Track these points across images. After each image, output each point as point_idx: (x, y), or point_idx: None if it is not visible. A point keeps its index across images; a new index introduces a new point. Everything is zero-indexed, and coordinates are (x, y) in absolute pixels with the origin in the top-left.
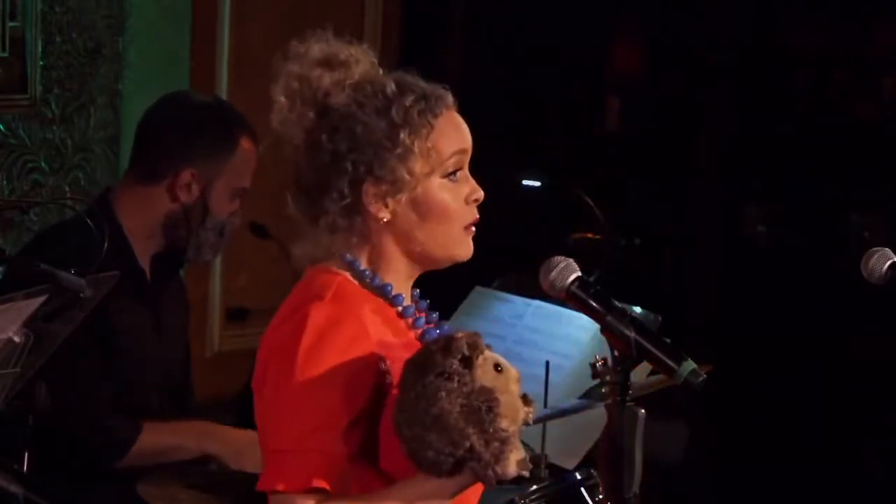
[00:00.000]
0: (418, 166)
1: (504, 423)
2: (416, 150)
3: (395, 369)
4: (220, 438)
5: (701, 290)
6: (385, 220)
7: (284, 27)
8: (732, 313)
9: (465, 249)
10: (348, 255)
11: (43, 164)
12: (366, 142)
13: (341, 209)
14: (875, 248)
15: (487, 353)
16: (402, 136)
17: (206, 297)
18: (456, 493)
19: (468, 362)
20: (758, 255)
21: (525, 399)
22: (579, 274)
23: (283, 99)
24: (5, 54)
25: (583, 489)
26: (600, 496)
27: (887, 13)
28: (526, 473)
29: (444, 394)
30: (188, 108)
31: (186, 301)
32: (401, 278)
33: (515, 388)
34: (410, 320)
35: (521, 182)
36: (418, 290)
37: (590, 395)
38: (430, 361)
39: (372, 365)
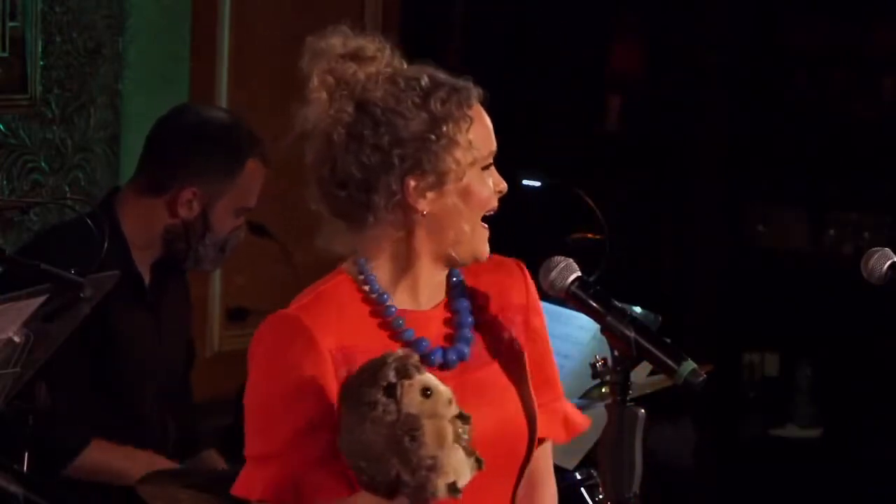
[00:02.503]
0: (461, 157)
1: (428, 450)
2: (460, 140)
3: None
4: None
5: (701, 290)
6: (424, 212)
7: (284, 27)
8: (732, 313)
9: (485, 244)
10: (363, 259)
11: (43, 164)
12: (409, 136)
13: (390, 204)
14: (875, 248)
15: (417, 376)
16: (444, 128)
17: (206, 297)
18: None
19: (392, 390)
20: (758, 255)
21: (462, 417)
22: (579, 274)
23: (324, 96)
24: (5, 54)
25: (583, 489)
26: (600, 496)
27: (887, 13)
28: (458, 495)
29: (368, 424)
30: (198, 126)
31: (189, 300)
32: (420, 277)
33: (446, 411)
34: (399, 331)
35: (521, 182)
36: (468, 302)
37: (590, 395)
38: (359, 390)
39: (325, 375)
